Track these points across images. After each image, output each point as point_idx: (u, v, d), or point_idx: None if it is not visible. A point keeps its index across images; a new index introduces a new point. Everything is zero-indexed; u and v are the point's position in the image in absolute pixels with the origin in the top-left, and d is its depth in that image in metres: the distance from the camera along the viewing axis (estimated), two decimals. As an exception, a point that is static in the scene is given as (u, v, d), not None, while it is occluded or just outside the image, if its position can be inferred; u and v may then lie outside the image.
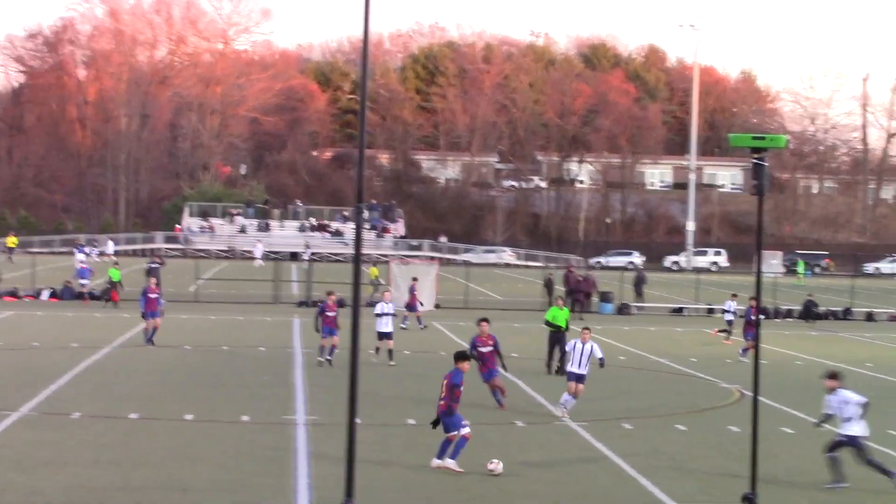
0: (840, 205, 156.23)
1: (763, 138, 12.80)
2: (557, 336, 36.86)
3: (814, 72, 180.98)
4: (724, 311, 50.16)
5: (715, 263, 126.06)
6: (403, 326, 48.60)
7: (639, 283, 71.99)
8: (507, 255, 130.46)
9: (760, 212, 13.09)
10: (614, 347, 44.75)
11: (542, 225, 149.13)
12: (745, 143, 12.80)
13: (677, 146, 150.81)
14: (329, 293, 37.59)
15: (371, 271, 70.33)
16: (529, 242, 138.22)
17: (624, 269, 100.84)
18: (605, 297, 64.88)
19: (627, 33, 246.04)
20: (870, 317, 66.90)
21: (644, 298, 69.84)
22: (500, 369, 26.23)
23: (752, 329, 43.10)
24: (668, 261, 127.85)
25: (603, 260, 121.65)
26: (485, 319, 30.91)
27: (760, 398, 13.33)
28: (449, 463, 21.77)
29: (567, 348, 29.94)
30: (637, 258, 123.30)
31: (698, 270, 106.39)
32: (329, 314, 36.35)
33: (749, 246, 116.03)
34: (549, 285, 66.89)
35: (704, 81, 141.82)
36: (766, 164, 12.86)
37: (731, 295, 51.07)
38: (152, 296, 41.99)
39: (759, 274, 13.31)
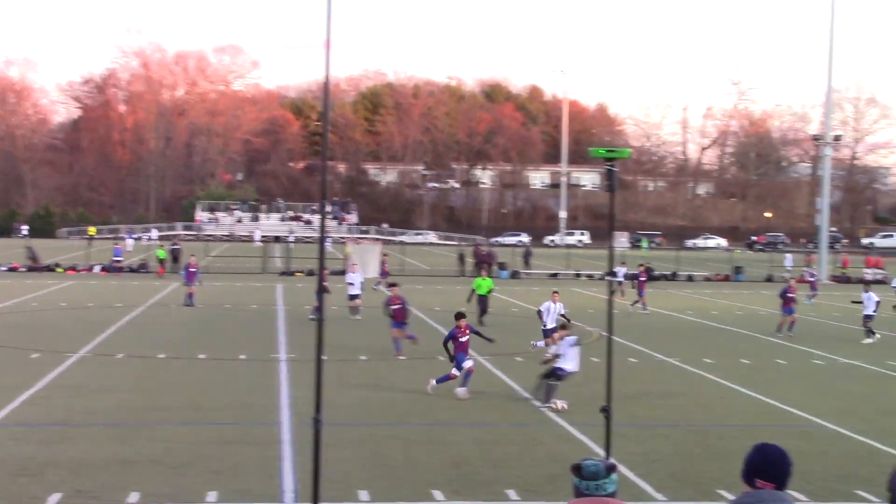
0: (668, 198, 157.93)
1: (613, 151, 12.83)
2: (482, 299, 36.76)
3: (649, 103, 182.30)
4: (614, 275, 50.17)
5: (580, 241, 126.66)
6: (375, 288, 48.57)
7: (527, 256, 72.46)
8: (432, 237, 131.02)
9: (612, 204, 13.14)
10: (509, 303, 44.85)
11: (456, 215, 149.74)
12: (600, 154, 12.79)
13: (552, 157, 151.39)
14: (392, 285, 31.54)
15: (345, 250, 70.17)
16: (447, 227, 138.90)
17: (515, 245, 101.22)
18: (502, 266, 65.11)
19: (517, 75, 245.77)
20: (690, 278, 67.72)
21: (530, 267, 70.16)
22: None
23: (644, 287, 43.83)
24: (547, 239, 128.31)
25: (500, 239, 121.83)
26: (394, 284, 30.94)
27: (614, 337, 13.36)
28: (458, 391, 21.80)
29: (542, 308, 29.17)
30: (524, 238, 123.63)
31: (568, 246, 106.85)
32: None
33: (605, 228, 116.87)
34: (461, 258, 67.41)
35: (571, 111, 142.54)
36: (616, 169, 12.90)
37: (620, 262, 51.21)
38: (192, 269, 42.08)
39: (611, 248, 13.35)
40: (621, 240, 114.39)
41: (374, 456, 16.64)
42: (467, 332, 22.52)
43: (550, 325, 28.12)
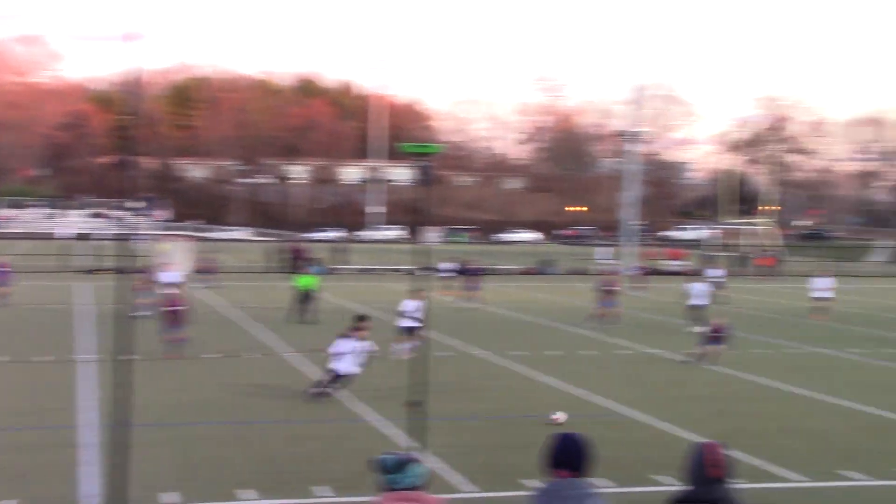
0: (481, 193, 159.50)
1: (425, 147, 12.90)
2: (305, 295, 36.37)
3: (462, 99, 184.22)
4: (441, 271, 50.72)
5: (396, 236, 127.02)
6: (196, 286, 47.57)
7: (340, 252, 72.37)
8: (245, 233, 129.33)
9: (426, 198, 13.20)
10: (323, 299, 44.67)
11: (270, 210, 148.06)
12: (413, 149, 12.88)
13: (366, 152, 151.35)
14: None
15: (160, 247, 68.30)
16: (261, 223, 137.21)
17: (329, 241, 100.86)
18: (312, 262, 64.70)
19: (330, 70, 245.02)
20: (501, 272, 68.73)
21: (345, 262, 70.03)
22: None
23: (473, 281, 44.45)
24: (361, 235, 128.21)
25: (314, 235, 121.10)
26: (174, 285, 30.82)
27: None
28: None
29: (403, 307, 28.27)
30: (339, 233, 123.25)
31: (383, 241, 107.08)
32: None
33: (419, 223, 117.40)
34: (274, 254, 66.93)
35: (384, 106, 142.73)
36: (429, 164, 12.96)
37: (449, 258, 52.15)
38: (5, 269, 40.96)
39: (424, 243, 13.42)
40: (435, 234, 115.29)
41: (182, 457, 16.39)
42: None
43: (411, 324, 27.82)
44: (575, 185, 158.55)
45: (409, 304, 28.05)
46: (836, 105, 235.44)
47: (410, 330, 27.41)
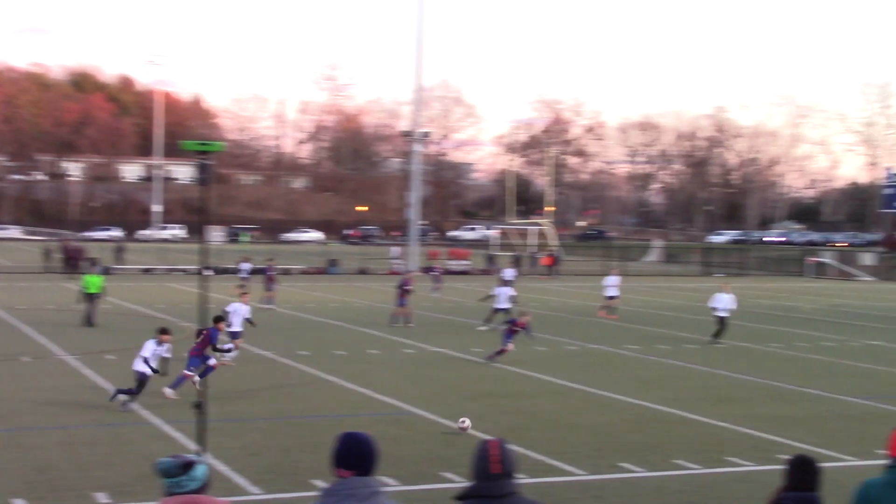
0: (264, 192, 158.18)
1: (206, 144, 12.67)
2: (90, 296, 35.09)
3: (244, 96, 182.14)
4: (240, 271, 49.99)
5: (175, 235, 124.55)
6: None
7: (119, 251, 70.66)
8: (16, 232, 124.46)
9: (206, 197, 12.97)
10: (108, 301, 43.43)
11: (43, 208, 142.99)
12: (193, 147, 12.60)
13: (146, 149, 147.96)
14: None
15: None
16: (33, 221, 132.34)
17: (106, 240, 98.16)
18: (93, 262, 62.88)
19: (107, 65, 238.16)
20: (286, 272, 68.16)
21: (123, 262, 68.35)
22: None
23: (271, 282, 43.80)
24: (141, 234, 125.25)
25: (91, 233, 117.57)
26: None
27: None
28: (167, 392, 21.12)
29: (228, 309, 27.26)
30: (117, 232, 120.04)
31: (163, 241, 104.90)
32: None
33: (201, 222, 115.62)
34: (47, 253, 64.70)
35: (165, 102, 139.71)
36: (211, 162, 12.74)
37: (243, 258, 51.41)
38: None
39: (205, 242, 13.17)
40: (218, 233, 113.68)
41: (-50, 466, 15.61)
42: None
43: (236, 329, 27.18)
44: (360, 185, 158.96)
45: (241, 308, 27.58)
46: (613, 109, 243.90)
47: (235, 335, 27.03)
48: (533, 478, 15.66)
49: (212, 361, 21.85)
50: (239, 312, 27.49)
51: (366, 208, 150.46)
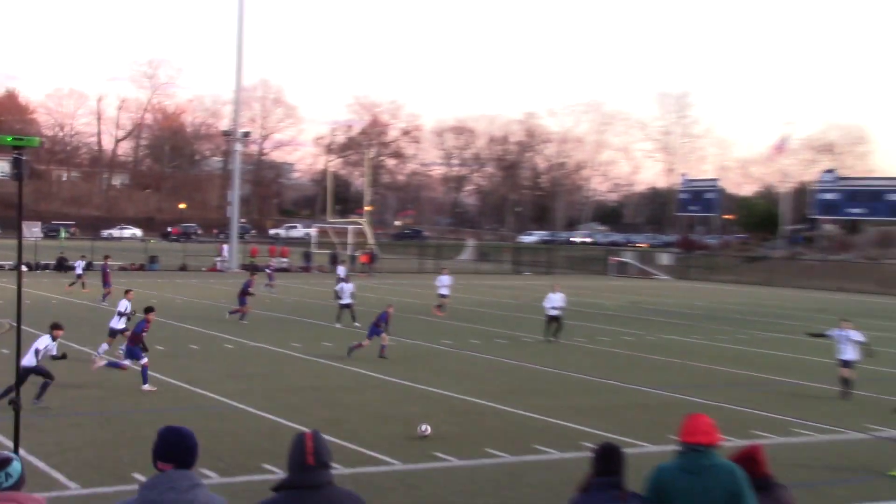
0: (83, 189, 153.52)
1: (20, 139, 12.21)
2: None
3: (62, 92, 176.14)
4: (75, 268, 48.71)
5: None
6: None
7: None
8: None
9: (20, 193, 12.50)
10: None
11: None
12: (6, 142, 12.13)
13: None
14: None
15: None
16: None
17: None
18: None
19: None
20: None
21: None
22: None
23: (108, 279, 42.62)
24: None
25: None
26: None
27: (28, 328, 12.76)
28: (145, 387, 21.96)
29: (120, 308, 26.87)
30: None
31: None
32: None
33: (15, 218, 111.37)
34: None
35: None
36: (26, 158, 12.26)
37: (80, 256, 50.41)
38: None
39: (20, 238, 12.72)
40: (34, 230, 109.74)
41: None
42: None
43: (121, 326, 26.55)
44: (180, 183, 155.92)
45: (126, 304, 27.07)
46: (429, 113, 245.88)
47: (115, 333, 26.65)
48: (350, 468, 15.68)
49: (145, 359, 22.53)
50: (129, 308, 27.03)
51: (186, 206, 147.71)
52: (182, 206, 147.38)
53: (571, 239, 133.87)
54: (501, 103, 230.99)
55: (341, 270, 50.00)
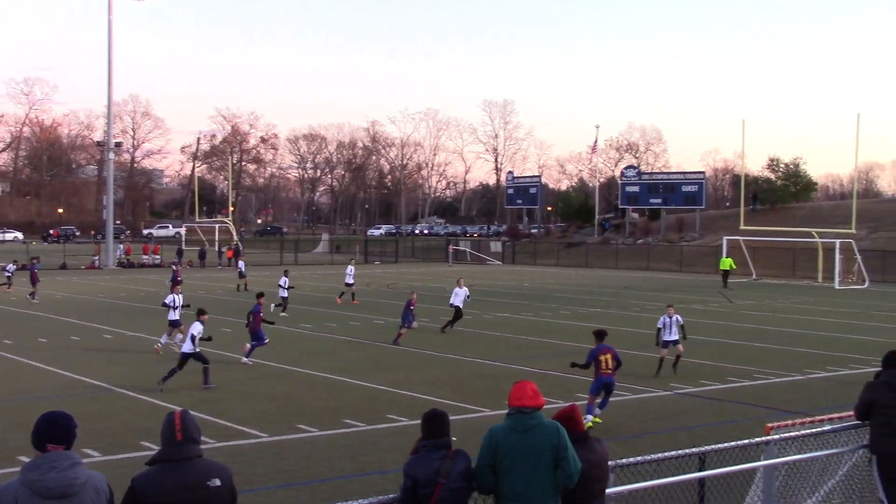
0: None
1: None
2: None
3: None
4: (5, 270, 47.45)
5: None
6: None
7: None
8: None
9: None
10: None
11: None
12: None
13: None
14: None
15: None
16: None
17: None
18: None
19: None
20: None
21: None
22: None
23: (36, 278, 41.09)
24: None
25: None
26: None
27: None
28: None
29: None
30: None
31: None
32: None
33: None
34: None
35: None
36: None
37: (12, 260, 49.55)
38: None
39: None
40: None
41: None
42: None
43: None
44: (58, 190, 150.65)
45: None
46: (285, 121, 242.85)
47: None
48: (221, 442, 15.45)
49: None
50: None
51: (64, 210, 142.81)
52: (60, 210, 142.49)
53: (415, 231, 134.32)
54: (348, 112, 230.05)
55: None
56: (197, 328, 20.87)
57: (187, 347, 20.80)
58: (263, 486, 13.25)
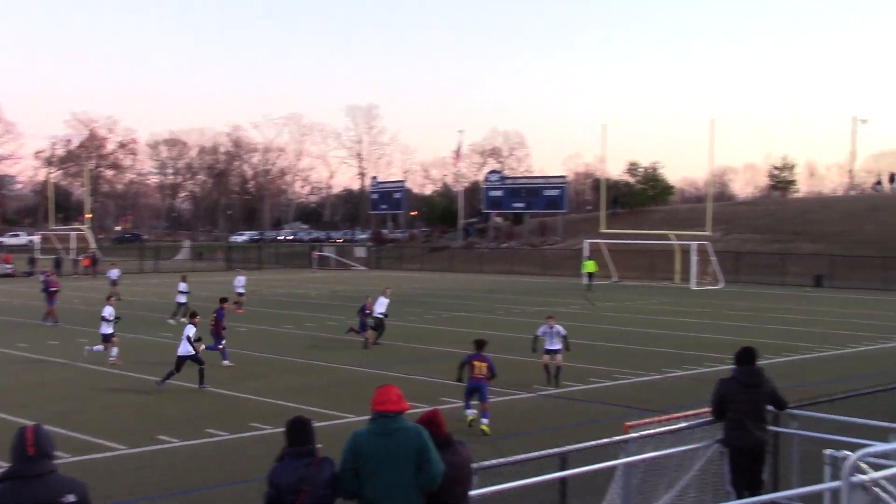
0: None
1: None
2: None
3: None
4: None
5: None
6: None
7: None
8: None
9: None
10: None
11: None
12: None
13: None
14: None
15: None
16: None
17: None
18: None
19: None
20: None
21: None
22: None
23: None
24: None
25: None
26: None
27: None
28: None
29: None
30: None
31: None
32: None
33: None
34: None
35: None
36: None
37: None
38: None
39: None
40: None
41: None
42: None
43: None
44: None
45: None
46: (144, 126, 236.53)
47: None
48: (77, 456, 14.99)
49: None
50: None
51: None
52: None
53: (278, 237, 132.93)
54: (210, 117, 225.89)
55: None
56: (191, 330, 21.99)
57: (183, 350, 21.81)
58: (124, 501, 12.92)
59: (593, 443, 9.44)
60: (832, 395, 12.43)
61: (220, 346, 25.58)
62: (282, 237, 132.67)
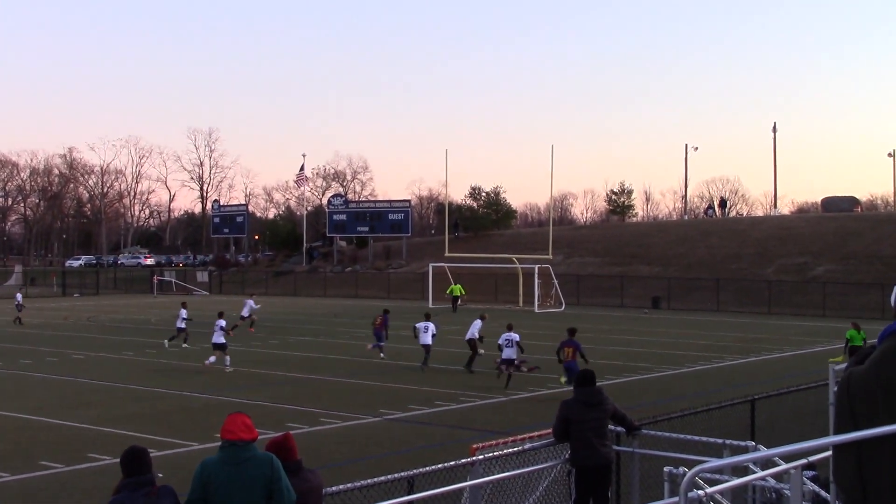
0: None
1: None
2: None
3: None
4: None
5: None
6: None
7: None
8: None
9: None
10: None
11: None
12: None
13: None
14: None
15: None
16: None
17: None
18: None
19: None
20: None
21: None
22: None
23: None
24: None
25: None
26: None
27: None
28: None
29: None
30: None
31: None
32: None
33: None
34: None
35: None
36: None
37: None
38: None
39: None
40: None
41: None
42: None
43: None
44: None
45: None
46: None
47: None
48: None
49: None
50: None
51: None
52: None
53: (117, 262, 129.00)
54: (43, 138, 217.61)
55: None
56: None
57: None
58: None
59: (440, 465, 9.47)
60: (670, 413, 12.83)
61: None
62: (120, 262, 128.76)
